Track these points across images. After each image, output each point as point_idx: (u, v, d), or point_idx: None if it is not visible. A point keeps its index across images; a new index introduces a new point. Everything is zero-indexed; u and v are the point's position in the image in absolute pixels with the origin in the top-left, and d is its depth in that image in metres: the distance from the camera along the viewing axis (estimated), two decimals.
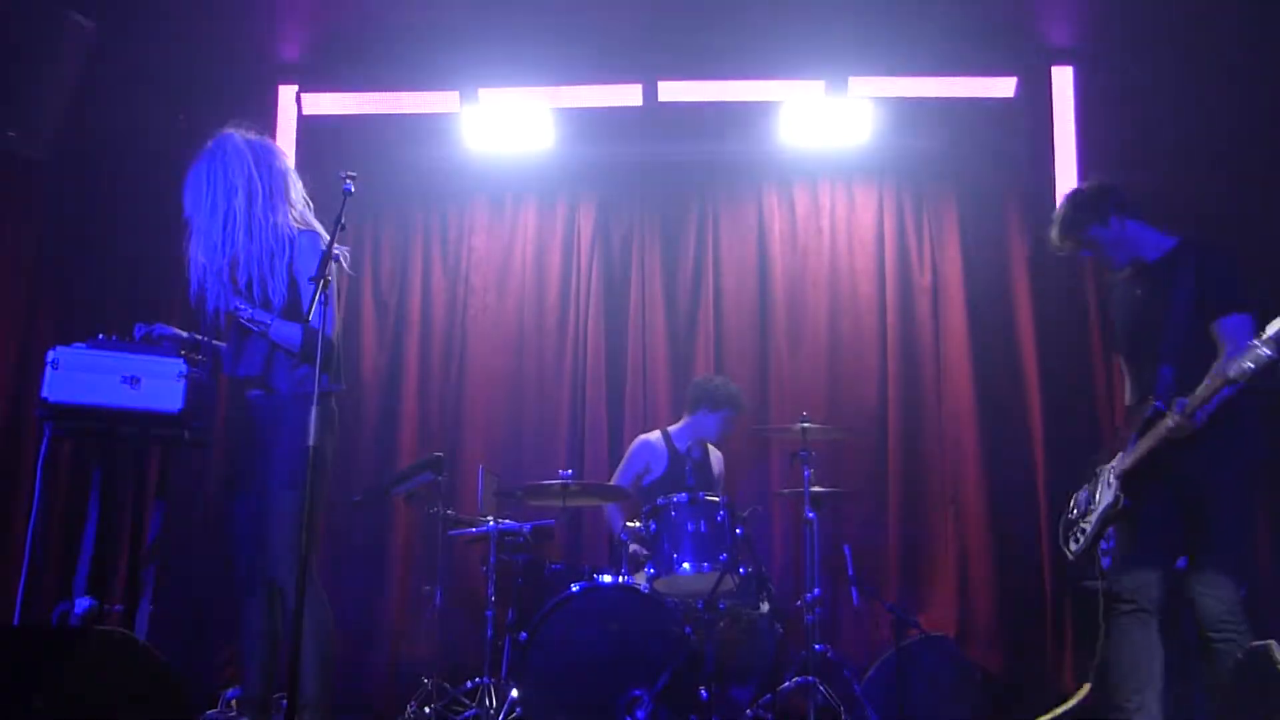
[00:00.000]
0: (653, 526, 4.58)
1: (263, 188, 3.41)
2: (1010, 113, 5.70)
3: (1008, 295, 5.98)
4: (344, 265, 3.54)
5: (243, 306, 3.39)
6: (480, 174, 6.22)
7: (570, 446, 5.98)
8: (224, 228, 3.36)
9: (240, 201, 3.36)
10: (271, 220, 3.40)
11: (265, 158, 3.47)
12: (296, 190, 3.52)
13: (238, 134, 3.50)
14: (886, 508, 5.81)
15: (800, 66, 5.55)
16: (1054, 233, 3.74)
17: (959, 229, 6.11)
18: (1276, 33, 5.13)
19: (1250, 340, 3.18)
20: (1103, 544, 3.81)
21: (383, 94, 5.72)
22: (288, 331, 3.38)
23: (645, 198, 6.33)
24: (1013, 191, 6.05)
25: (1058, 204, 3.84)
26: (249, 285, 3.39)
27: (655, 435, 5.50)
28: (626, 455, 5.49)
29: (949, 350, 5.94)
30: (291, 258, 3.39)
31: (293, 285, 3.39)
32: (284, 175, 3.49)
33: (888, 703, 4.52)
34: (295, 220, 3.47)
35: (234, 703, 4.68)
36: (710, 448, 5.53)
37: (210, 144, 3.48)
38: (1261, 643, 3.25)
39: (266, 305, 3.40)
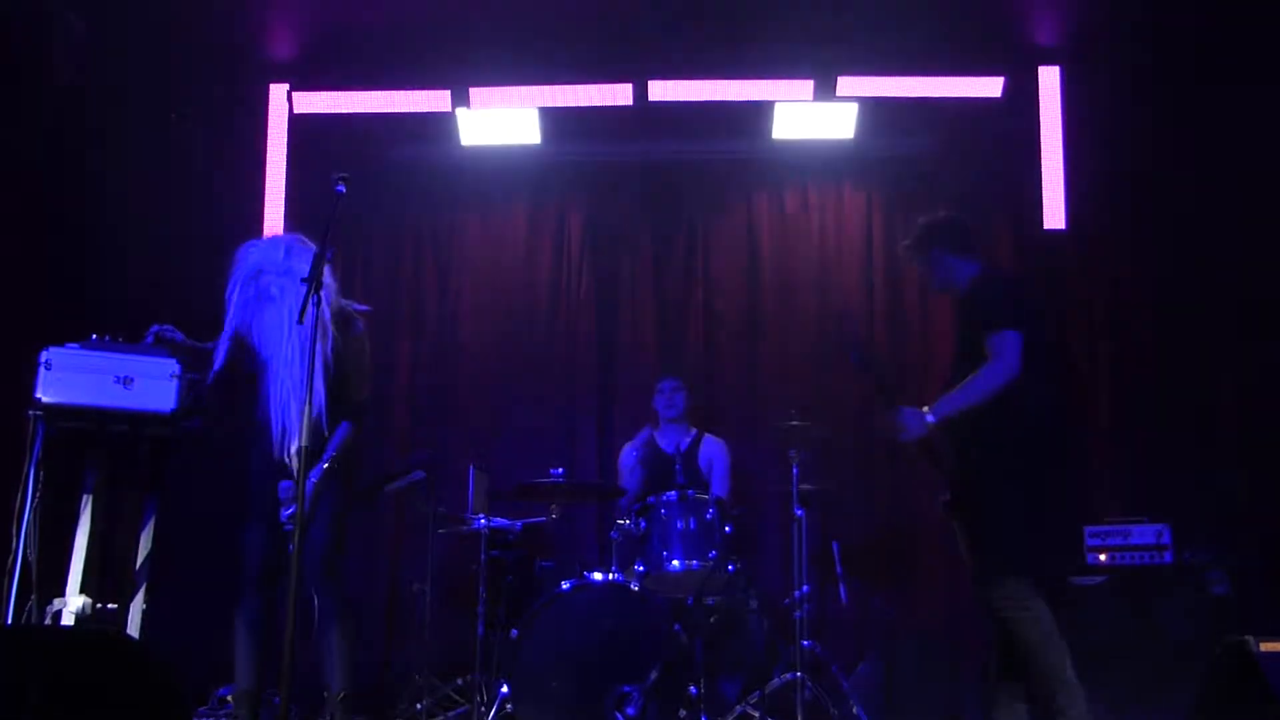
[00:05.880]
0: (642, 524, 4.61)
1: None
2: (998, 112, 5.75)
3: None
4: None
5: None
6: (471, 173, 6.22)
7: (561, 445, 5.99)
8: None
9: None
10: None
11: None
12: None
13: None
14: (875, 505, 5.85)
15: (789, 66, 5.58)
16: (904, 246, 4.09)
17: None
18: (1264, 32, 5.17)
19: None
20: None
21: (374, 93, 5.74)
22: None
23: (635, 197, 6.34)
24: (1000, 190, 6.08)
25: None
26: None
27: (636, 440, 5.57)
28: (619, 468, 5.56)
29: (936, 348, 5.95)
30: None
31: None
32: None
33: (875, 699, 4.55)
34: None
35: (228, 698, 4.69)
36: (706, 438, 5.51)
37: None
38: (1239, 637, 3.30)
39: None
